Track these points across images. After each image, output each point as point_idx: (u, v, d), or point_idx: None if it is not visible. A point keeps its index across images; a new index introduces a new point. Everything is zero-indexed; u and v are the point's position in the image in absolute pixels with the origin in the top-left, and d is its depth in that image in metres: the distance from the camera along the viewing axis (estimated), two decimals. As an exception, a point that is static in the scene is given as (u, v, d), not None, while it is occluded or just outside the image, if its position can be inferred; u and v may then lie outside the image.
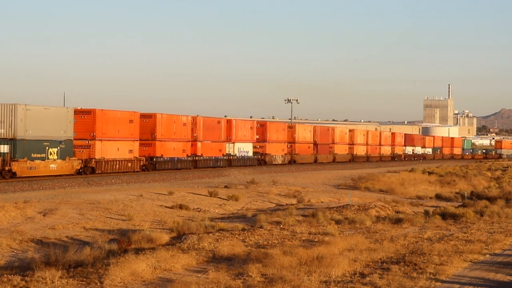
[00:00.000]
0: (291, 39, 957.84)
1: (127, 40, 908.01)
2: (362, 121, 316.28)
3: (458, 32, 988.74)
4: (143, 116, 67.99)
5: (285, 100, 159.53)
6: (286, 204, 46.82)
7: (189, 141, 74.66)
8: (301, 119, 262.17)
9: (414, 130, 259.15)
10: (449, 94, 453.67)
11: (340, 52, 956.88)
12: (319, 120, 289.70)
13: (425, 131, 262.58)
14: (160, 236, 27.23)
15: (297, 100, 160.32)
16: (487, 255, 24.22)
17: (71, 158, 57.37)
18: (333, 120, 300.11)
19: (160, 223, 34.98)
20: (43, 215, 34.31)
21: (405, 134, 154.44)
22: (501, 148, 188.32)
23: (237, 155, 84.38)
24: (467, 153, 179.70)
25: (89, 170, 59.84)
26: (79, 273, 19.39)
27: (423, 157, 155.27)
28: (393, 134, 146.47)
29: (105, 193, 43.57)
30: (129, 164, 64.59)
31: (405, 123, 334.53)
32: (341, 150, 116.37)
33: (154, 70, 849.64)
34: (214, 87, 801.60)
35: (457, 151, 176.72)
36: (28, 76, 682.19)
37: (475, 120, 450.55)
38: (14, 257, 25.44)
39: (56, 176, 55.21)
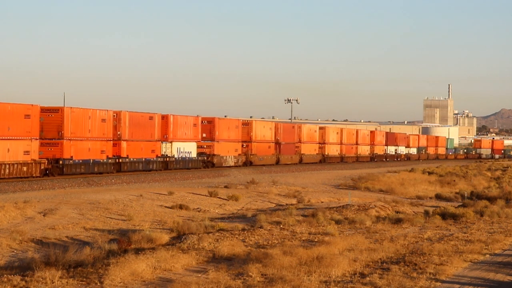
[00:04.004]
0: (292, 39, 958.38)
1: (127, 40, 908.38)
2: (362, 121, 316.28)
3: (458, 32, 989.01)
4: (47, 110, 56.88)
5: (285, 100, 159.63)
6: (286, 204, 46.83)
7: (110, 140, 62.71)
8: (301, 119, 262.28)
9: (414, 130, 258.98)
10: (449, 94, 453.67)
11: (340, 52, 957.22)
12: (319, 120, 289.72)
13: (425, 131, 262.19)
14: (160, 236, 27.23)
15: (297, 100, 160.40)
16: (487, 255, 24.24)
17: None
18: (333, 120, 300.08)
19: (160, 223, 34.99)
20: (43, 215, 34.32)
21: (386, 133, 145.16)
22: (480, 148, 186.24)
23: (175, 156, 72.63)
24: (450, 153, 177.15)
25: None
26: (79, 273, 19.40)
27: (407, 157, 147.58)
28: (372, 132, 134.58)
29: (105, 193, 43.58)
30: (25, 168, 53.32)
31: (405, 123, 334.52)
32: (309, 150, 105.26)
33: (154, 70, 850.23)
34: (214, 87, 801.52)
35: (442, 150, 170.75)
36: (28, 76, 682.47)
37: (475, 120, 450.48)
38: (14, 257, 25.45)
39: None
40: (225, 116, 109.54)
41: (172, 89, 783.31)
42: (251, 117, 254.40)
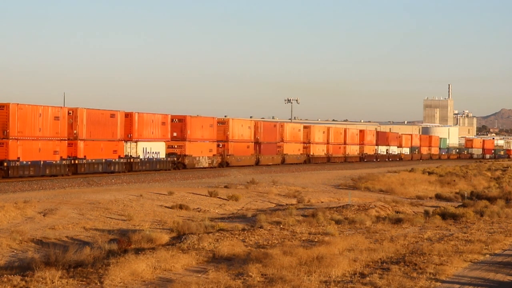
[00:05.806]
0: (292, 39, 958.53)
1: (128, 40, 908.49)
2: (362, 121, 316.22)
3: (458, 32, 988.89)
4: None
5: (285, 100, 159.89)
6: (286, 204, 46.84)
7: (65, 139, 57.21)
8: (301, 119, 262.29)
9: (414, 130, 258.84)
10: (449, 94, 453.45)
11: (340, 52, 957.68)
12: (319, 120, 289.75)
13: (425, 131, 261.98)
14: (160, 236, 27.24)
15: (297, 100, 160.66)
16: (487, 255, 24.24)
17: None
18: (333, 120, 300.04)
19: (160, 223, 35.00)
20: (43, 215, 34.32)
21: (377, 132, 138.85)
22: (472, 147, 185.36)
23: (141, 157, 67.00)
24: (443, 153, 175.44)
25: None
26: (79, 273, 19.41)
27: (400, 157, 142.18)
28: (361, 131, 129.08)
29: (105, 193, 43.59)
30: None
31: (405, 123, 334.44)
32: (292, 150, 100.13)
33: (154, 70, 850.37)
34: (214, 87, 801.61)
35: (435, 150, 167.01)
36: (28, 76, 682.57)
37: (475, 120, 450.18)
38: (14, 257, 25.46)
39: None
40: (225, 116, 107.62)
41: (172, 88, 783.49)
42: (251, 117, 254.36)
